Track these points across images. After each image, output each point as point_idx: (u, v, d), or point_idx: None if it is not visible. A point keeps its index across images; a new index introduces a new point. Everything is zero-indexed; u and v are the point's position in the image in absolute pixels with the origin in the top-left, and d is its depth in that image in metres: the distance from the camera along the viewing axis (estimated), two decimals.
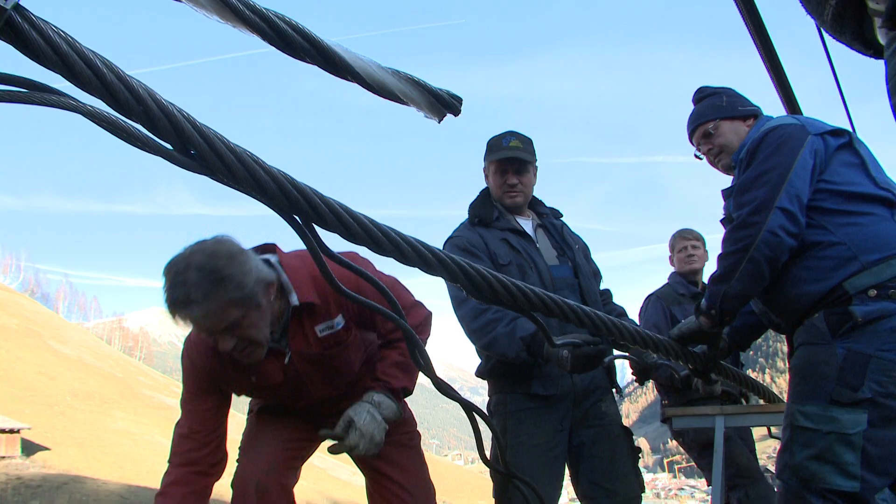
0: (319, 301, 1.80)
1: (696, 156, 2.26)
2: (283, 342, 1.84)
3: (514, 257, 2.35)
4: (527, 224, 2.53)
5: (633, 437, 2.43)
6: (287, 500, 1.89)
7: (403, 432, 2.13)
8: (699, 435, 3.25)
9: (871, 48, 1.32)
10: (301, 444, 2.04)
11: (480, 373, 2.46)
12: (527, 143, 2.52)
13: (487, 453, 1.86)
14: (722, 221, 2.09)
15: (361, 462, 2.08)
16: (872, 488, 1.57)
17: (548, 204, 2.70)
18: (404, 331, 0.99)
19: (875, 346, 1.60)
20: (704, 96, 2.24)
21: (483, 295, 0.92)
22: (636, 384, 2.37)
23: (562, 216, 2.70)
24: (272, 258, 1.83)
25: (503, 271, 2.30)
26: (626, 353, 2.30)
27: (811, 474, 1.61)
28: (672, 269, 3.70)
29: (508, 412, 2.31)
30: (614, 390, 2.45)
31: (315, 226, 0.73)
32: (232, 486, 1.90)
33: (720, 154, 2.14)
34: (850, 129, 1.92)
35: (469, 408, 1.23)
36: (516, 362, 2.21)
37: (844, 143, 1.86)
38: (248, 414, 2.19)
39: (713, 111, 2.16)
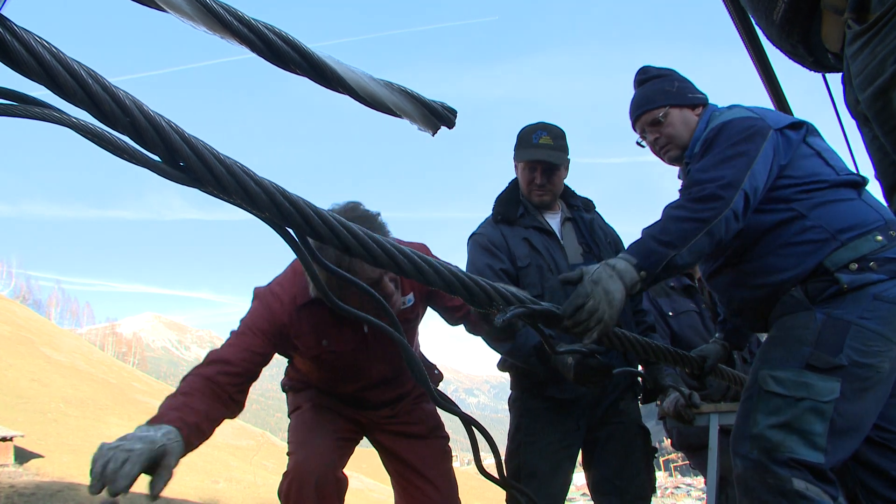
0: (395, 279, 1.88)
1: (639, 143, 2.10)
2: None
3: (534, 258, 2.30)
4: (554, 219, 2.47)
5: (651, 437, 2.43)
6: (341, 493, 1.93)
7: (441, 436, 2.20)
8: (687, 438, 3.24)
9: (813, 55, 1.31)
10: (348, 441, 2.09)
11: (501, 366, 2.45)
12: (559, 138, 2.42)
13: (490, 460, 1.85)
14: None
15: (391, 463, 2.14)
16: (833, 461, 1.52)
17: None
18: (401, 345, 0.98)
19: (856, 314, 1.56)
20: (650, 78, 2.08)
21: (480, 304, 0.91)
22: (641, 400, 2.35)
23: (594, 208, 2.62)
24: None
25: (521, 273, 2.27)
26: (638, 370, 2.28)
27: (775, 444, 1.52)
28: None
29: (524, 409, 2.31)
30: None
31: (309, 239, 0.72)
32: (285, 477, 1.92)
33: (668, 145, 2.01)
34: (808, 121, 1.87)
35: (468, 422, 1.22)
36: (529, 368, 2.21)
37: (804, 136, 1.83)
38: (292, 414, 2.20)
39: (663, 97, 2.01)
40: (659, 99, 2.01)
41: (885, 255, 1.60)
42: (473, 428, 1.28)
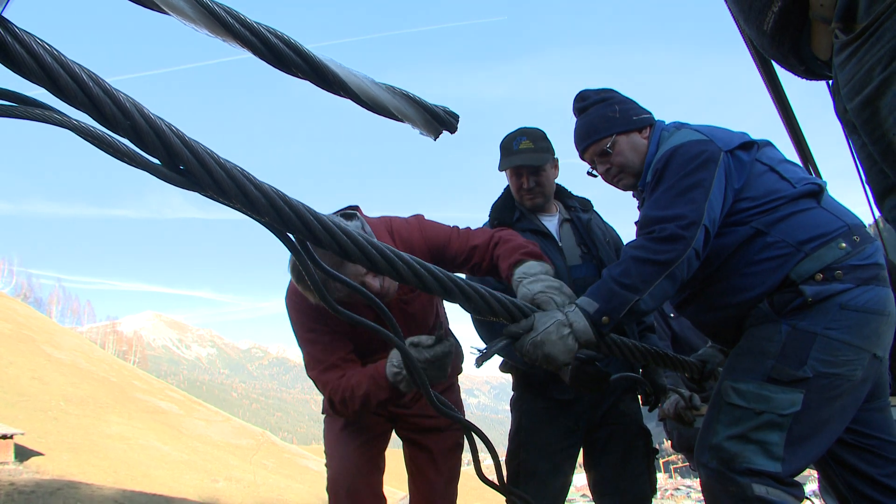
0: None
1: (590, 174, 2.03)
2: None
3: None
4: (551, 221, 2.46)
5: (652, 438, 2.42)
6: (375, 498, 2.09)
7: (458, 429, 2.26)
8: (687, 440, 3.23)
9: (804, 64, 1.32)
10: (378, 438, 2.22)
11: (503, 367, 2.45)
12: (539, 139, 2.41)
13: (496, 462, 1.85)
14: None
15: (408, 448, 2.27)
16: (792, 468, 1.53)
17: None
18: (399, 348, 0.98)
19: (822, 325, 1.56)
20: (590, 104, 1.99)
21: (479, 312, 0.91)
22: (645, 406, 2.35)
23: (591, 207, 2.61)
24: (360, 218, 2.02)
25: None
26: (638, 375, 2.28)
27: (732, 455, 1.54)
28: None
29: (524, 410, 2.31)
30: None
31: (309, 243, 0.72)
32: (327, 491, 2.09)
33: (620, 174, 1.94)
34: (758, 138, 1.84)
35: (468, 428, 1.21)
36: (528, 369, 2.21)
37: (755, 154, 1.79)
38: (326, 417, 2.31)
39: (607, 125, 1.92)
40: (603, 128, 1.93)
41: (850, 262, 1.60)
42: (474, 434, 1.28)
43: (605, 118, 1.93)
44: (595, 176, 2.03)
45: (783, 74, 3.23)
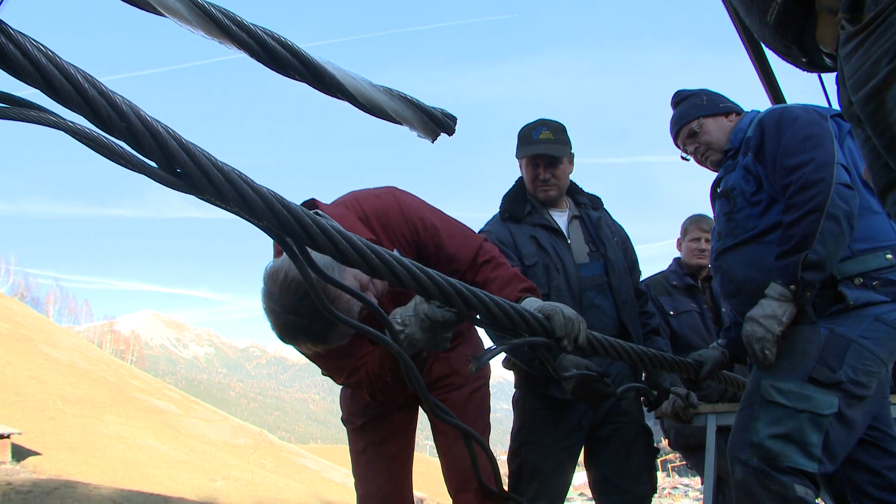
0: (374, 239, 1.73)
1: (683, 157, 2.24)
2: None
3: (542, 257, 2.29)
4: (561, 217, 2.45)
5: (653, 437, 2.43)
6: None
7: (478, 377, 2.08)
8: (684, 438, 3.23)
9: (807, 55, 1.32)
10: (404, 450, 2.08)
11: (506, 364, 2.44)
12: (559, 132, 2.42)
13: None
14: (723, 193, 1.99)
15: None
16: (823, 471, 1.59)
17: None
18: (396, 353, 0.97)
19: (857, 332, 1.61)
20: (683, 98, 2.23)
21: (485, 321, 0.91)
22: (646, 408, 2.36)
23: (602, 205, 2.60)
24: (324, 215, 1.85)
25: (529, 272, 2.26)
26: (642, 384, 2.29)
27: (775, 453, 1.58)
28: (678, 254, 3.46)
29: (527, 409, 2.31)
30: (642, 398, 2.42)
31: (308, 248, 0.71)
32: None
33: (707, 151, 2.13)
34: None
35: (468, 435, 1.21)
36: (529, 369, 2.21)
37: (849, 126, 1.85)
38: (347, 429, 2.16)
39: (695, 110, 2.15)
40: (692, 113, 2.14)
41: (889, 276, 1.63)
42: (473, 440, 1.27)
43: (694, 105, 2.17)
44: (687, 159, 2.22)
45: (779, 73, 3.24)
